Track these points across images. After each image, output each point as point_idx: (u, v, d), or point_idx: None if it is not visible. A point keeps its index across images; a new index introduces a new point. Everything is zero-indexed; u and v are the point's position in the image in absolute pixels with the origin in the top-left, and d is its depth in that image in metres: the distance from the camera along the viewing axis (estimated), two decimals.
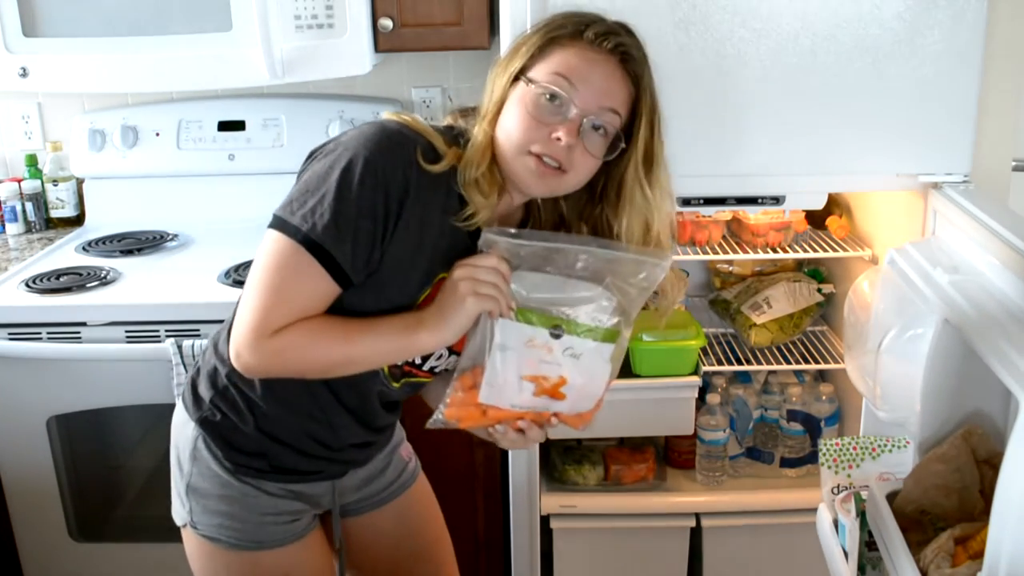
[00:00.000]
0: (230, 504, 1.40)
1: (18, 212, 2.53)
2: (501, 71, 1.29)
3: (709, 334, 2.28)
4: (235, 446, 1.39)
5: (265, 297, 1.22)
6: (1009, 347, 1.11)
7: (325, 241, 1.20)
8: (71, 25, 2.14)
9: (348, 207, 1.20)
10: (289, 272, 1.22)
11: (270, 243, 1.24)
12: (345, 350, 1.26)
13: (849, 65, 1.70)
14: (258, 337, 1.22)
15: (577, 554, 2.17)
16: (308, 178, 1.25)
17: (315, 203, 1.21)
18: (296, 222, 1.22)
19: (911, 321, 1.44)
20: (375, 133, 1.24)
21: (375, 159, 1.21)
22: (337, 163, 1.22)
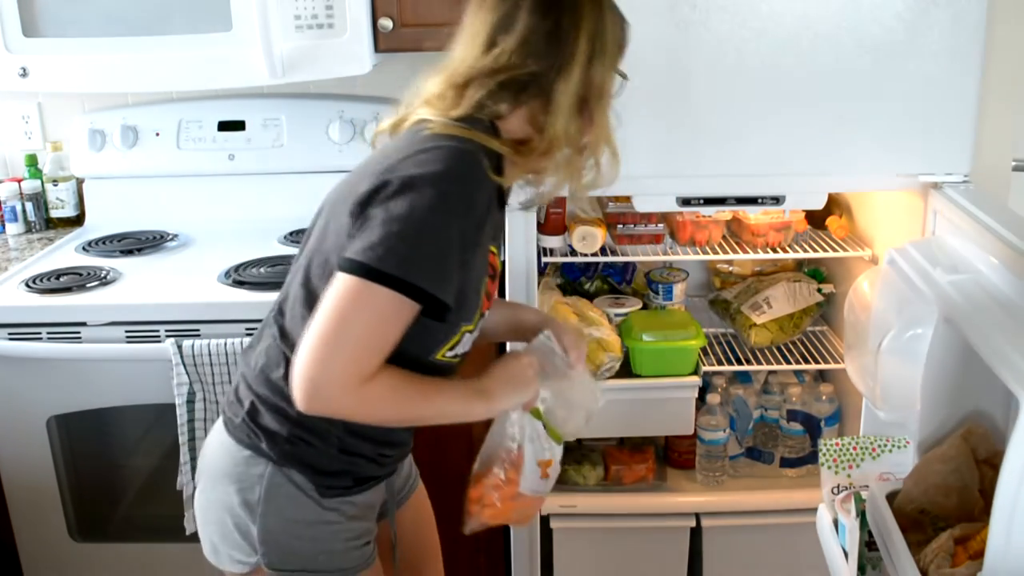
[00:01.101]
0: (316, 533, 1.37)
1: (18, 212, 2.53)
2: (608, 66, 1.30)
3: (709, 334, 2.28)
4: (321, 470, 1.36)
5: (361, 348, 1.19)
6: (1009, 347, 1.11)
7: (427, 284, 1.19)
8: (71, 25, 2.13)
9: (442, 245, 1.20)
10: (389, 319, 1.20)
11: (358, 292, 1.18)
12: (421, 410, 1.30)
13: (849, 65, 1.70)
14: (353, 385, 1.19)
15: (577, 554, 2.17)
16: (390, 221, 1.19)
17: (412, 250, 1.18)
18: (392, 270, 1.17)
19: (911, 321, 1.44)
20: (449, 163, 1.21)
21: (458, 191, 1.20)
22: (420, 202, 1.19)
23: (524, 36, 1.26)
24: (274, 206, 2.49)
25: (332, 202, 1.36)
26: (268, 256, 2.21)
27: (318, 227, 1.37)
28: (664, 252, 2.20)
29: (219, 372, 1.93)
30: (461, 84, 1.30)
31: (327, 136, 2.47)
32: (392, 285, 1.17)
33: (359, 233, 1.21)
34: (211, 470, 1.41)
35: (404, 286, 1.17)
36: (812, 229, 2.26)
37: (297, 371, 1.19)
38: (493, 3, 1.29)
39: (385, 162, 1.26)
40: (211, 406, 1.96)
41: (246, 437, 1.37)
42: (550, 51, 1.26)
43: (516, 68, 1.26)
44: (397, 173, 1.22)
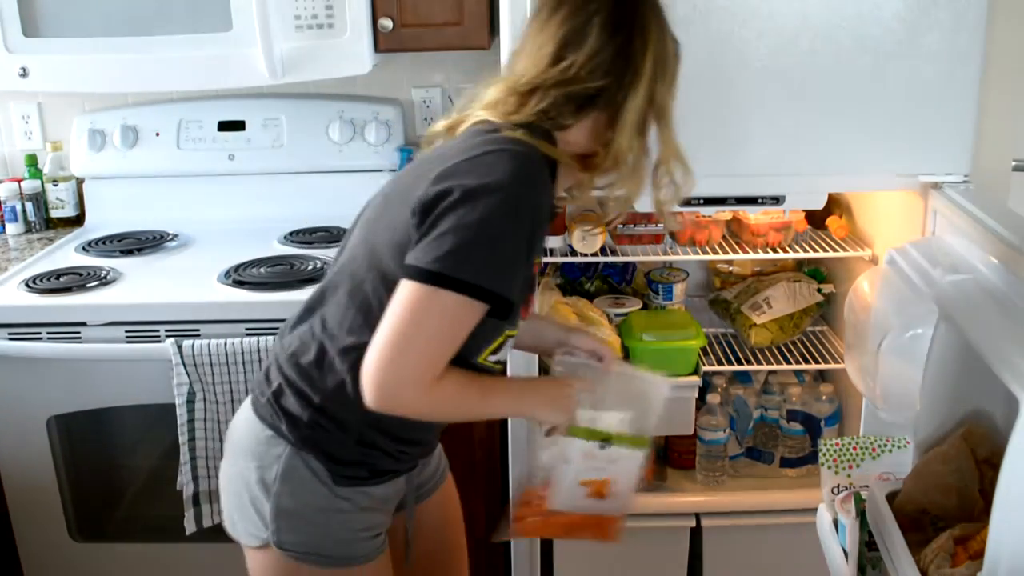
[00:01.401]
0: (327, 519, 1.39)
1: (18, 212, 2.53)
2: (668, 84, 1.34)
3: (709, 334, 2.28)
4: (337, 459, 1.38)
5: (433, 350, 1.23)
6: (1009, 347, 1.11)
7: (499, 287, 1.23)
8: (71, 25, 2.14)
9: (511, 250, 1.24)
10: (460, 323, 1.24)
11: (429, 299, 1.21)
12: (481, 408, 1.38)
13: (849, 65, 1.69)
14: (425, 384, 1.23)
15: (577, 554, 2.17)
16: (460, 229, 1.21)
17: (483, 256, 1.22)
18: (466, 277, 1.21)
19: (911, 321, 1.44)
20: (516, 169, 1.24)
21: (526, 197, 1.24)
22: (489, 209, 1.21)
23: (594, 51, 1.29)
24: (274, 206, 2.49)
25: (386, 195, 1.39)
26: (268, 256, 2.21)
27: (367, 219, 1.39)
28: (664, 252, 2.20)
29: (219, 372, 1.93)
30: (524, 92, 1.32)
31: (327, 136, 2.47)
32: (464, 290, 1.21)
33: (426, 240, 1.23)
34: (236, 444, 1.45)
35: (477, 291, 1.21)
36: (812, 229, 2.26)
37: (369, 372, 1.22)
38: (562, 18, 1.31)
39: (446, 163, 1.27)
40: (211, 406, 1.96)
41: (269, 417, 1.39)
42: (618, 68, 1.29)
43: (583, 82, 1.29)
44: (461, 180, 1.23)
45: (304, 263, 2.15)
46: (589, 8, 1.30)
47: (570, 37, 1.30)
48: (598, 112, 1.32)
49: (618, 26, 1.29)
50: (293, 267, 2.13)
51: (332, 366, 1.34)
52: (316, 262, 2.15)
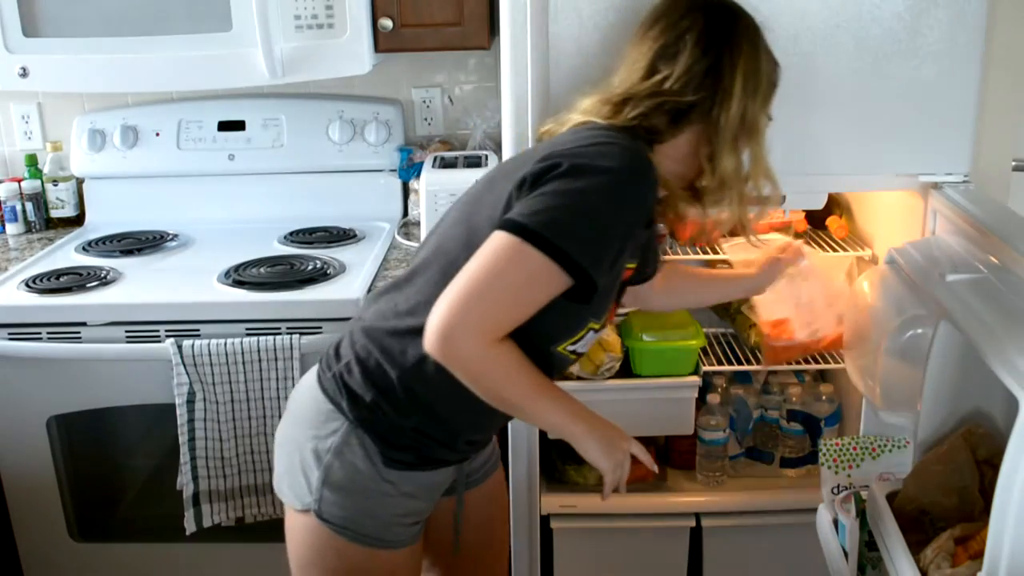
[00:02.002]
0: (369, 499, 1.42)
1: (18, 212, 2.53)
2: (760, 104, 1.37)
3: (709, 334, 2.28)
4: (390, 441, 1.40)
5: (502, 304, 1.24)
6: (1009, 347, 1.11)
7: (583, 260, 1.23)
8: (71, 25, 2.14)
9: (605, 230, 1.25)
10: (537, 284, 1.24)
11: (515, 250, 1.23)
12: (527, 399, 1.32)
13: (849, 65, 1.69)
14: (485, 339, 1.24)
15: (577, 554, 2.17)
16: (559, 194, 1.24)
17: (577, 225, 1.23)
18: (553, 237, 1.22)
19: (911, 321, 1.44)
20: (627, 159, 1.27)
21: (632, 186, 1.26)
22: (593, 186, 1.24)
23: (686, 67, 1.33)
24: (274, 206, 2.49)
25: (490, 178, 1.41)
26: (268, 256, 2.21)
27: (465, 201, 1.42)
28: (664, 252, 2.20)
29: (219, 372, 1.93)
30: (618, 101, 1.36)
31: (327, 136, 2.47)
32: (549, 251, 1.21)
33: (524, 201, 1.25)
34: (296, 411, 1.48)
35: (561, 255, 1.21)
36: (812, 229, 2.26)
37: (435, 312, 1.23)
38: (657, 34, 1.37)
39: (555, 147, 1.30)
40: (211, 406, 1.96)
41: (332, 392, 1.42)
42: (709, 84, 1.33)
43: (675, 95, 1.33)
44: (570, 157, 1.26)
45: (304, 263, 2.15)
46: (683, 24, 1.35)
47: (663, 51, 1.35)
48: (692, 128, 1.36)
49: (710, 43, 1.33)
50: (293, 267, 2.13)
51: (415, 342, 1.33)
52: (316, 262, 2.15)
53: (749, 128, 1.36)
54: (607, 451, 1.36)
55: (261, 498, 2.04)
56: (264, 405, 1.97)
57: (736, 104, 1.33)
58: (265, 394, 1.96)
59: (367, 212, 2.49)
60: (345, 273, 2.10)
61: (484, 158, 2.26)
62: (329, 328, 1.96)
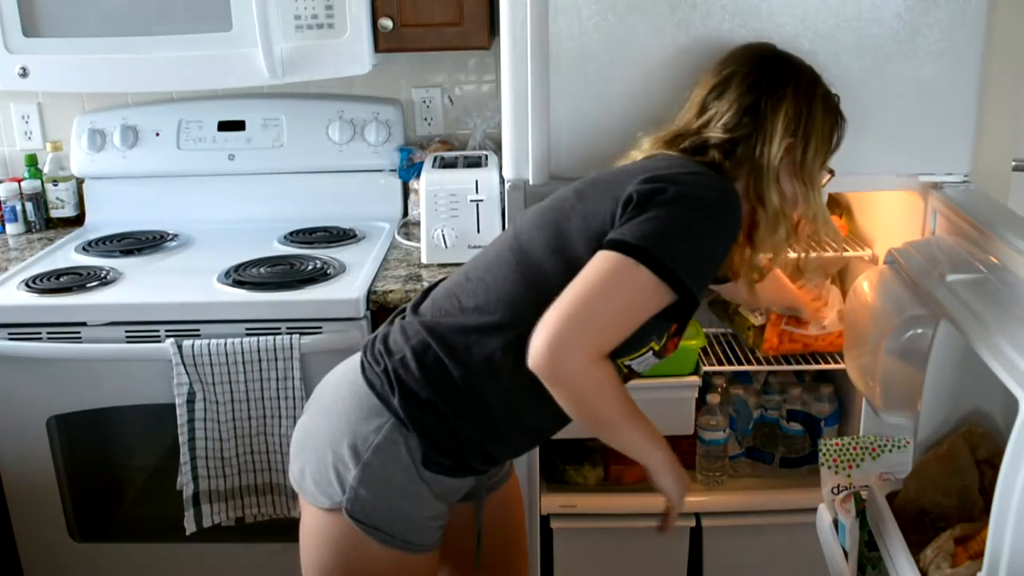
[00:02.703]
0: (404, 499, 1.40)
1: (18, 212, 2.53)
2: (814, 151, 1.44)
3: (709, 334, 2.28)
4: (436, 444, 1.38)
5: (611, 322, 1.28)
6: (1009, 347, 1.11)
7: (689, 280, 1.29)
8: (71, 25, 2.14)
9: (708, 257, 1.33)
10: (644, 303, 1.29)
11: (627, 270, 1.27)
12: (619, 418, 1.36)
13: (849, 65, 1.69)
14: (593, 356, 1.28)
15: (577, 554, 2.17)
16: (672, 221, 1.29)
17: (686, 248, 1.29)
18: (665, 260, 1.27)
19: (911, 321, 1.44)
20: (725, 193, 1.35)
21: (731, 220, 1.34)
22: (702, 215, 1.31)
23: (731, 105, 1.42)
24: (274, 206, 2.49)
25: (578, 190, 1.42)
26: (268, 256, 2.21)
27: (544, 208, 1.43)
28: None
29: (219, 372, 1.93)
30: (672, 137, 1.45)
31: (327, 136, 2.47)
32: (660, 272, 1.26)
33: (633, 221, 1.29)
34: (331, 404, 1.44)
35: (670, 275, 1.27)
36: None
37: (545, 326, 1.26)
38: (710, 76, 1.47)
39: (655, 171, 1.35)
40: (211, 406, 1.96)
41: (380, 387, 1.39)
42: (748, 122, 1.41)
43: (720, 131, 1.41)
44: (676, 184, 1.32)
45: (304, 263, 2.15)
46: (735, 68, 1.45)
47: (714, 91, 1.45)
48: (743, 169, 1.42)
49: (754, 85, 1.42)
50: (293, 267, 2.13)
51: (483, 339, 1.35)
52: (316, 262, 2.15)
53: (804, 174, 1.43)
54: (679, 485, 1.43)
55: (261, 498, 2.04)
56: (264, 405, 1.97)
57: (776, 144, 1.40)
58: (265, 394, 1.96)
59: (367, 212, 2.49)
60: (345, 273, 2.10)
61: (484, 158, 2.26)
62: (329, 328, 1.96)
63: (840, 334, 2.05)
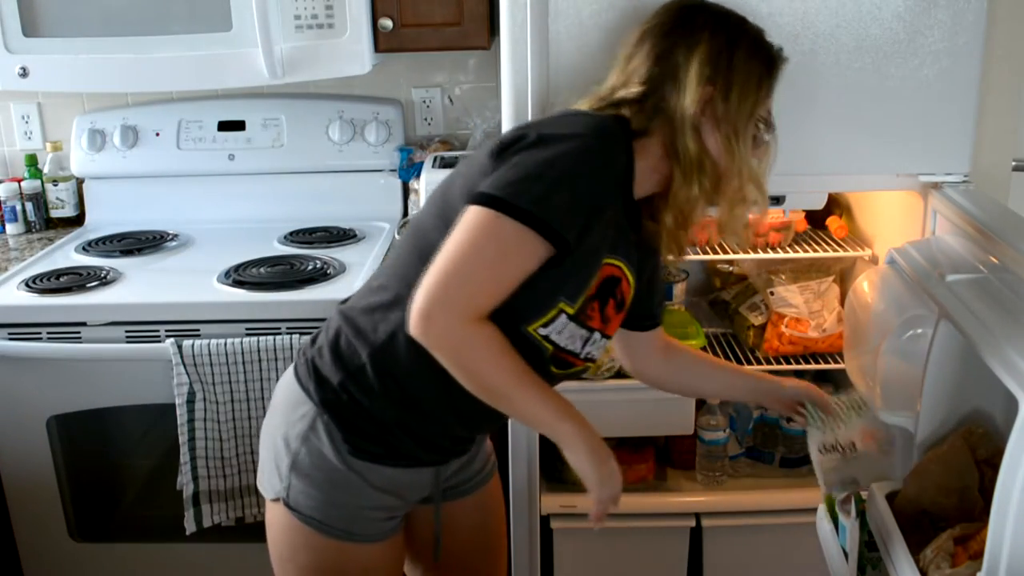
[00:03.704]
0: (333, 489, 1.40)
1: (18, 212, 2.53)
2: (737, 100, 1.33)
3: (709, 334, 2.28)
4: (357, 430, 1.38)
5: (483, 279, 1.23)
6: (1009, 347, 1.11)
7: (556, 222, 1.22)
8: (71, 25, 2.14)
9: (574, 192, 1.24)
10: (514, 254, 1.23)
11: (480, 222, 1.22)
12: (509, 386, 1.28)
13: (849, 65, 1.69)
14: (465, 316, 1.23)
15: (577, 554, 2.17)
16: (528, 164, 1.25)
17: (529, 181, 1.23)
18: (524, 204, 1.21)
19: (911, 321, 1.44)
20: (594, 126, 1.29)
21: (599, 148, 1.27)
22: (561, 151, 1.25)
23: (646, 57, 1.35)
24: (274, 206, 2.49)
25: (467, 159, 1.41)
26: (268, 256, 2.21)
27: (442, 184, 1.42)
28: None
29: (219, 372, 1.93)
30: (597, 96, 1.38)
31: (327, 136, 2.47)
32: (520, 217, 1.21)
33: (495, 173, 1.26)
34: (273, 400, 1.48)
35: (531, 219, 1.21)
36: (812, 229, 2.26)
37: (419, 293, 1.22)
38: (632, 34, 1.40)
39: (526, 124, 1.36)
40: (211, 406, 1.96)
41: (303, 377, 1.42)
42: (662, 73, 1.33)
43: (635, 85, 1.34)
44: (539, 128, 1.29)
45: (304, 263, 2.15)
46: (652, 20, 1.38)
47: (634, 47, 1.38)
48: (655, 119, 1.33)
49: (667, 33, 1.35)
50: (293, 267, 2.13)
51: (386, 317, 1.34)
52: (316, 262, 2.15)
53: (728, 125, 1.33)
54: (595, 460, 1.30)
55: (261, 498, 2.04)
56: (264, 405, 1.97)
57: (691, 92, 1.30)
58: (265, 394, 1.96)
59: (367, 212, 2.49)
60: (345, 273, 2.10)
61: None
62: None
63: (840, 334, 2.05)
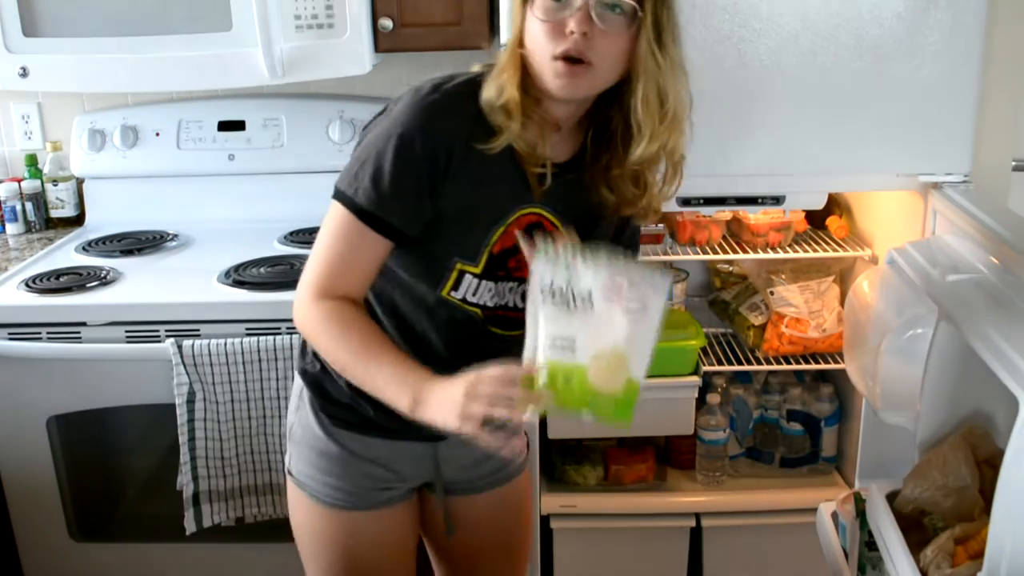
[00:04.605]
0: (320, 457, 1.47)
1: (18, 212, 2.53)
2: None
3: (709, 334, 2.28)
4: (330, 397, 1.45)
5: (322, 259, 1.33)
6: (1009, 347, 1.11)
7: (371, 205, 1.28)
8: (71, 25, 2.13)
9: (392, 173, 1.27)
10: (339, 234, 1.31)
11: (330, 211, 1.33)
12: (347, 363, 1.31)
13: (849, 65, 1.70)
14: (312, 297, 1.32)
15: (577, 554, 2.17)
16: (359, 148, 1.33)
17: (360, 170, 1.30)
18: (346, 189, 1.30)
19: (911, 321, 1.44)
20: (417, 103, 1.30)
21: (417, 129, 1.28)
22: (381, 133, 1.30)
23: None
24: (274, 206, 2.49)
25: None
26: (268, 256, 2.21)
27: None
28: (664, 252, 2.20)
29: (219, 372, 1.93)
30: None
31: (327, 136, 2.47)
32: (345, 203, 1.30)
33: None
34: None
35: (363, 214, 1.29)
36: (812, 229, 2.26)
37: None
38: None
39: None
40: (211, 406, 1.96)
41: (301, 353, 1.50)
42: None
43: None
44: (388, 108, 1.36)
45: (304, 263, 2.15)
46: None
47: None
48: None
49: None
50: (293, 267, 2.13)
51: None
52: None
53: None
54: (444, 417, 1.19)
55: (261, 498, 2.04)
56: (264, 405, 1.97)
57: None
58: (265, 394, 1.96)
59: None
60: None
61: None
62: None
63: (840, 334, 2.05)
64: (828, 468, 2.27)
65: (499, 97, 1.28)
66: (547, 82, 1.25)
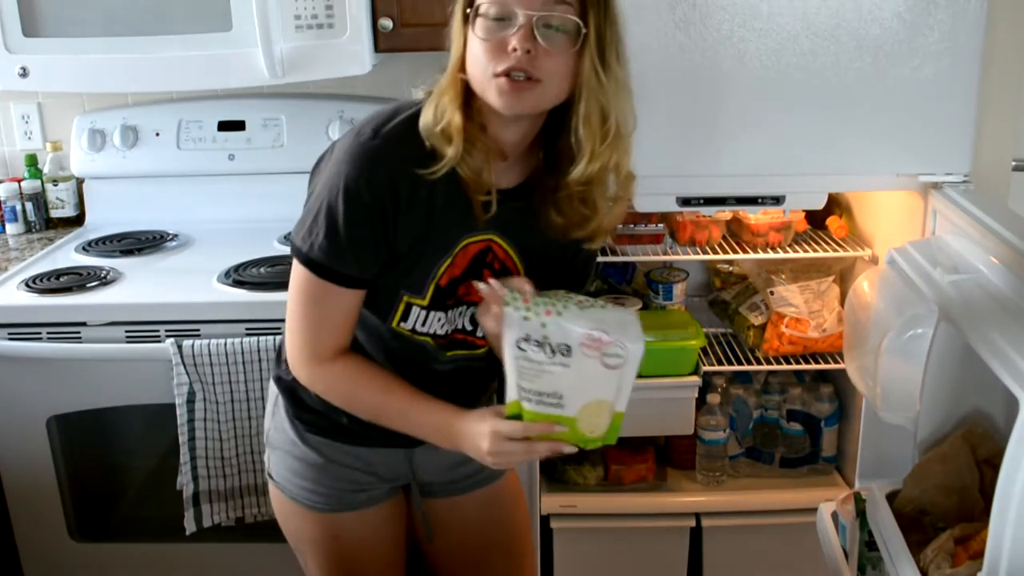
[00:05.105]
0: (295, 461, 1.49)
1: (18, 212, 2.53)
2: (455, 20, 1.28)
3: (709, 334, 2.28)
4: (303, 404, 1.46)
5: (303, 326, 1.33)
6: (1009, 347, 1.11)
7: (330, 262, 1.28)
8: (71, 25, 2.13)
9: (345, 227, 1.26)
10: (308, 297, 1.32)
11: (293, 270, 1.32)
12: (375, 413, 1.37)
13: (849, 65, 1.70)
14: (311, 363, 1.34)
15: (577, 554, 2.17)
16: (311, 199, 1.32)
17: (313, 224, 1.28)
18: (301, 246, 1.30)
19: (911, 321, 1.44)
20: (355, 149, 1.27)
21: (362, 180, 1.26)
22: (327, 184, 1.28)
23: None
24: (274, 206, 2.48)
25: None
26: (268, 256, 2.21)
27: None
28: (664, 252, 2.20)
29: (219, 372, 1.93)
30: None
31: (327, 136, 2.47)
32: (316, 271, 1.29)
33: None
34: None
35: (323, 271, 1.28)
36: (812, 229, 2.26)
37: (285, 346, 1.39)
38: None
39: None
40: (211, 406, 1.96)
41: (276, 360, 1.52)
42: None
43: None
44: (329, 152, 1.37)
45: None
46: None
47: None
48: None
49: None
50: None
51: None
52: None
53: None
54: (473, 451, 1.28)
55: (261, 498, 2.04)
56: (264, 405, 1.97)
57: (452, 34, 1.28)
58: (265, 394, 1.96)
59: None
60: None
61: None
62: None
63: (840, 334, 2.05)
64: (828, 468, 2.27)
65: (438, 122, 1.26)
66: (492, 100, 1.23)
